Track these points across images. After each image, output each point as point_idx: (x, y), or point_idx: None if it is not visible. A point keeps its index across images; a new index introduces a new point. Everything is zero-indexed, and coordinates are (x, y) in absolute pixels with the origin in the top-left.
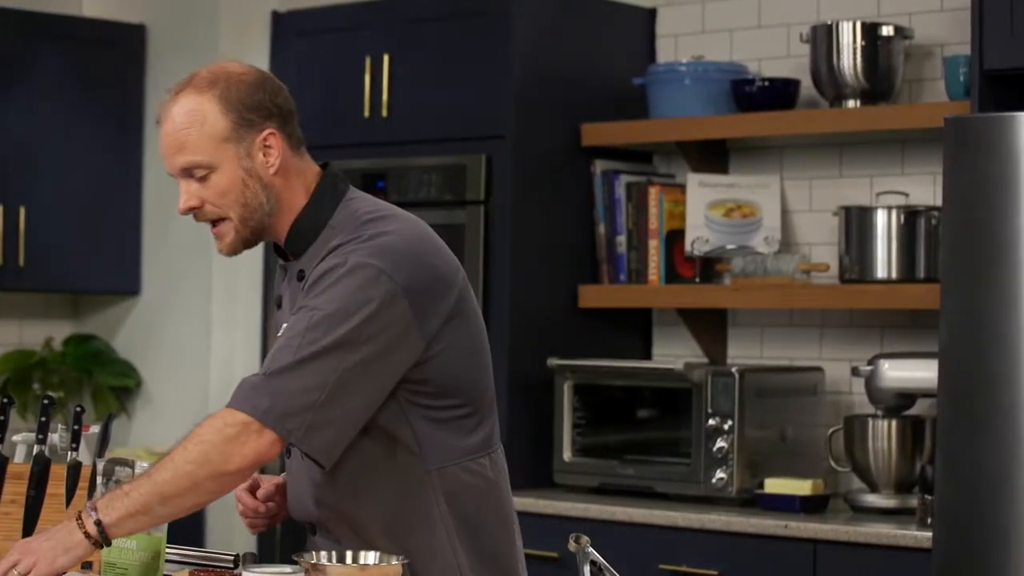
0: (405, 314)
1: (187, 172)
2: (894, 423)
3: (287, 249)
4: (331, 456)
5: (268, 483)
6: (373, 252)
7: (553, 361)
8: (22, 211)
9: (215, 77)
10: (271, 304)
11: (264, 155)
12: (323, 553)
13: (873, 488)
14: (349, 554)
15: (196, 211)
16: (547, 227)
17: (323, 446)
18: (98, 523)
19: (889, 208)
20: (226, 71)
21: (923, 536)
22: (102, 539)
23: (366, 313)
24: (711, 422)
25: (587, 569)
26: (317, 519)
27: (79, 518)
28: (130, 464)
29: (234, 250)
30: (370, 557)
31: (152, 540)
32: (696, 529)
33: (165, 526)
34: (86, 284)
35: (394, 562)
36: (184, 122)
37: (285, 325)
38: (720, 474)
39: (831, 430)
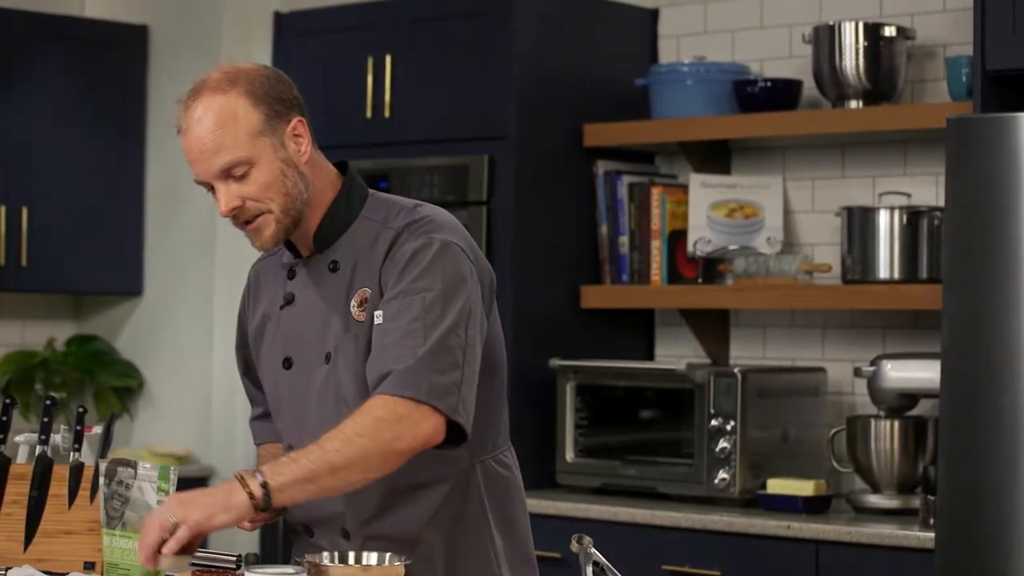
0: (479, 290)
1: (226, 173)
2: (896, 423)
3: (315, 241)
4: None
5: None
6: (450, 231)
7: (555, 362)
8: (24, 211)
9: (233, 76)
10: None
11: (295, 144)
12: (325, 554)
13: (875, 489)
14: (352, 554)
15: (238, 211)
16: (549, 227)
17: (470, 420)
18: (264, 485)
19: (891, 208)
20: (240, 69)
21: (926, 537)
22: (266, 502)
23: (465, 289)
24: (713, 423)
25: (590, 570)
26: (332, 516)
27: (242, 480)
28: (132, 464)
29: (276, 242)
30: (372, 558)
31: None
32: (698, 530)
33: None
34: (88, 284)
35: (396, 563)
36: (216, 122)
37: (381, 313)
38: (722, 475)
39: (833, 431)
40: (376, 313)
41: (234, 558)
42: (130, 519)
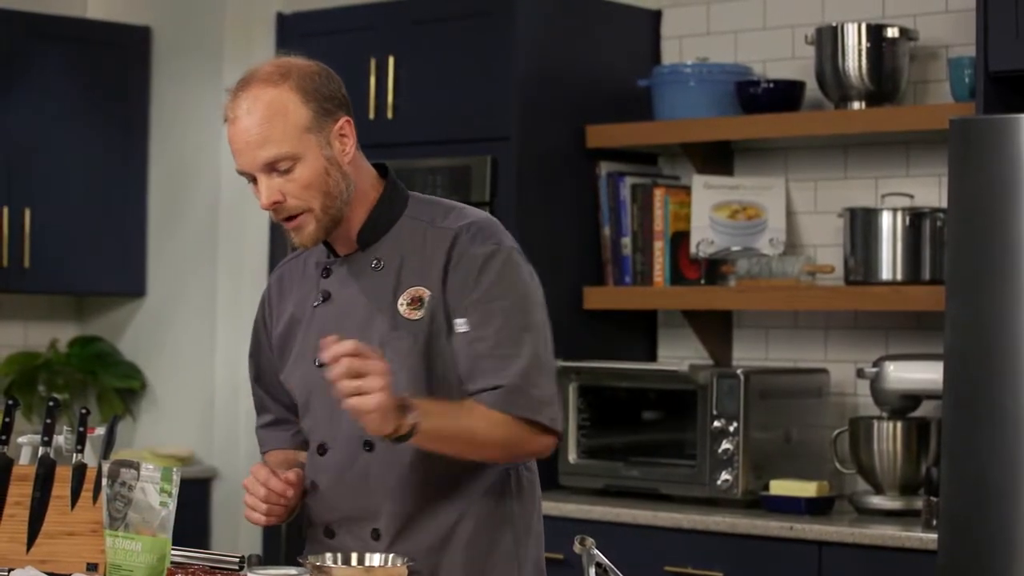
0: (542, 294)
1: (269, 167)
2: (899, 425)
3: (359, 239)
4: None
5: (291, 473)
6: (507, 237)
7: (558, 363)
8: (27, 213)
9: (285, 69)
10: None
11: (340, 143)
12: (328, 555)
13: (878, 490)
14: (355, 555)
15: (278, 206)
16: (552, 229)
17: (561, 423)
18: (413, 427)
19: (894, 210)
20: (291, 63)
21: (928, 538)
22: (402, 438)
23: (537, 295)
24: (716, 424)
25: (592, 571)
26: (364, 515)
27: (400, 408)
28: (135, 466)
29: (316, 240)
30: (375, 559)
31: (157, 542)
32: (701, 531)
33: (171, 528)
34: (91, 286)
35: (399, 564)
36: (265, 115)
37: (464, 321)
38: (725, 476)
39: (836, 432)
40: (458, 321)
41: (237, 559)
42: (133, 520)
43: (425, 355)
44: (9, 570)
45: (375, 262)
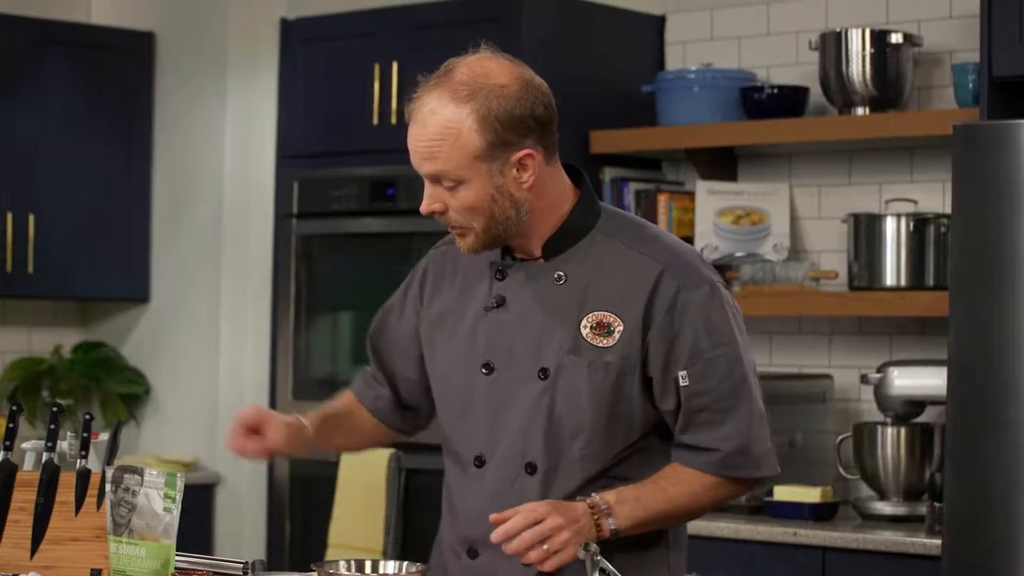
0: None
1: (433, 178)
2: (903, 430)
3: (544, 249)
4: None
5: (277, 426)
6: (707, 268)
7: None
8: (31, 218)
9: (477, 86)
10: (277, 311)
11: (518, 171)
12: (341, 562)
13: (882, 495)
14: (368, 562)
15: (439, 215)
16: None
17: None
18: (615, 531)
19: (898, 215)
20: (488, 79)
21: (932, 544)
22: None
23: (743, 332)
24: None
25: None
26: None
27: (597, 520)
28: (139, 471)
29: (477, 251)
30: (390, 566)
31: (161, 548)
32: (705, 536)
33: (175, 534)
34: (95, 291)
35: (413, 570)
36: (437, 133)
37: (686, 374)
38: None
39: (840, 437)
40: (681, 373)
41: (241, 565)
42: (137, 526)
43: (614, 390)
44: None
45: (559, 275)
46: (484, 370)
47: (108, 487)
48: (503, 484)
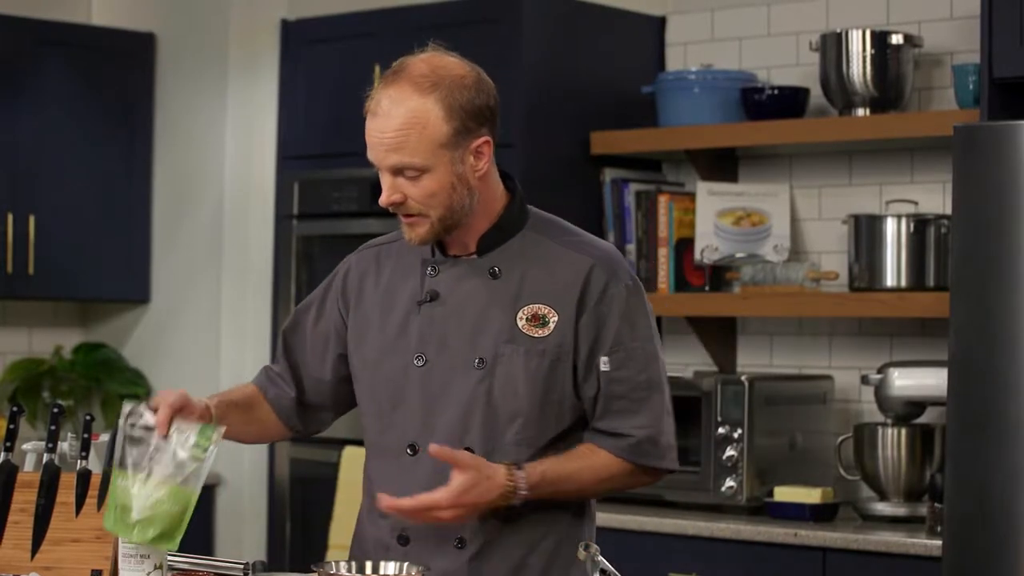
0: None
1: (396, 171)
2: (903, 431)
3: (479, 244)
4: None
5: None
6: (630, 268)
7: None
8: (32, 219)
9: (438, 78)
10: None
11: (475, 159)
12: (342, 563)
13: (882, 496)
14: (369, 564)
15: (397, 205)
16: None
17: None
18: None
19: (898, 216)
20: (447, 70)
21: (932, 544)
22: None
23: (656, 331)
24: (720, 430)
25: None
26: (447, 523)
27: (511, 486)
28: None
29: (424, 242)
30: (390, 567)
31: (184, 493)
32: (706, 537)
33: (201, 484)
34: (95, 292)
35: (414, 572)
36: (404, 123)
37: (607, 359)
38: (730, 482)
39: (840, 438)
40: (603, 359)
41: (241, 566)
42: (157, 469)
43: (547, 378)
44: None
45: (494, 270)
46: (417, 361)
47: (120, 421)
48: (440, 470)
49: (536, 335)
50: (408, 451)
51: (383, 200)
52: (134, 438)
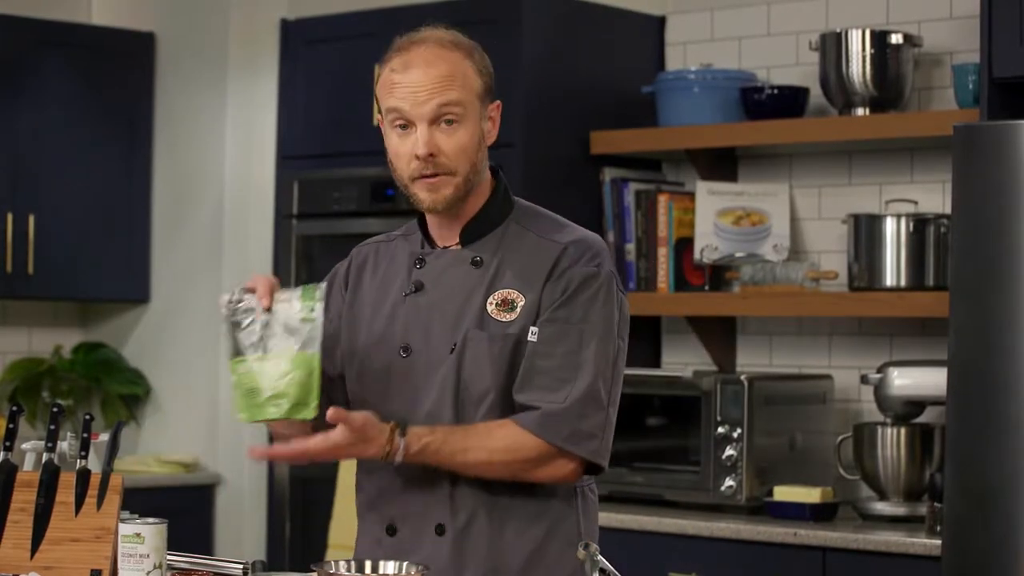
0: (627, 323)
1: (437, 115)
2: (903, 431)
3: (463, 233)
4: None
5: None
6: (608, 259)
7: None
8: (31, 219)
9: (461, 40)
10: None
11: (491, 125)
12: (341, 562)
13: (882, 496)
14: (368, 563)
15: (431, 159)
16: None
17: (607, 459)
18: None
19: (898, 216)
20: (464, 38)
21: (932, 544)
22: (392, 457)
23: (618, 326)
24: (720, 430)
25: None
26: (426, 509)
27: (391, 438)
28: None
29: (446, 205)
30: (389, 567)
31: (306, 357)
32: (705, 537)
33: (319, 344)
34: (95, 292)
35: (413, 572)
36: (447, 71)
37: (536, 331)
38: (729, 482)
39: (840, 438)
40: (532, 329)
41: (241, 566)
42: (271, 343)
43: (510, 361)
44: None
45: (476, 258)
46: (402, 352)
47: (223, 311)
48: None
49: (503, 319)
50: None
51: (423, 149)
52: (239, 323)
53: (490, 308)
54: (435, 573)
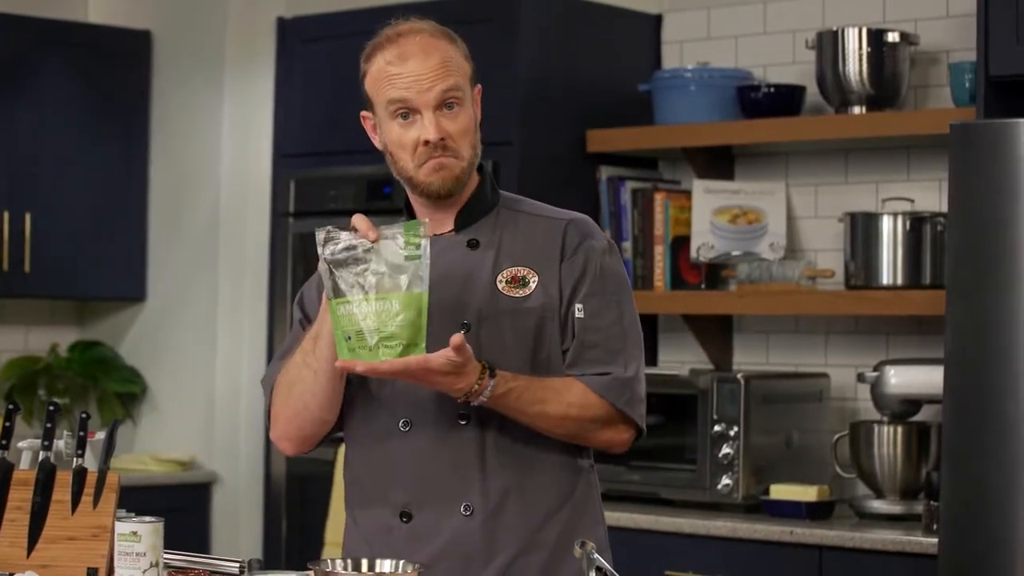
0: None
1: (442, 100)
2: (900, 429)
3: (457, 218)
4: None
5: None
6: (603, 232)
7: None
8: (28, 217)
9: (443, 29)
10: (278, 307)
11: (477, 108)
12: (338, 561)
13: (879, 494)
14: (364, 562)
15: (440, 143)
16: None
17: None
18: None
19: (895, 214)
20: (441, 26)
21: (929, 542)
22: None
23: (632, 297)
24: (717, 428)
25: (592, 575)
26: (450, 492)
27: (480, 378)
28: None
29: (456, 186)
30: (385, 565)
31: (413, 297)
32: (702, 535)
33: (427, 281)
34: (92, 290)
35: (410, 570)
36: (443, 58)
37: (583, 307)
38: (726, 480)
39: (837, 436)
40: (577, 306)
41: (237, 564)
42: (377, 282)
43: (535, 336)
44: (10, 575)
45: (471, 241)
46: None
47: (320, 249)
48: (437, 437)
49: (517, 295)
50: (401, 427)
51: (435, 134)
52: (339, 261)
53: (500, 285)
54: (464, 556)
